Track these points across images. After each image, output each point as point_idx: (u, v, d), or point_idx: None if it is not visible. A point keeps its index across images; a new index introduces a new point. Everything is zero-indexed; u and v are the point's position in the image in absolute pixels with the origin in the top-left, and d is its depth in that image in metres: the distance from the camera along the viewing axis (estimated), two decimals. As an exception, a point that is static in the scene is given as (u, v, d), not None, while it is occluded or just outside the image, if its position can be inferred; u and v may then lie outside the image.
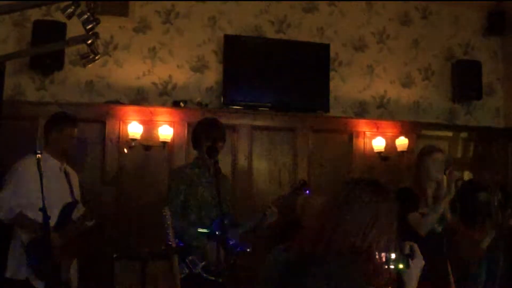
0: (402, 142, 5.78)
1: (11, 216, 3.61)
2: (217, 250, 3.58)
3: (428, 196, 3.82)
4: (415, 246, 1.76)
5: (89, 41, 3.80)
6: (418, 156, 3.97)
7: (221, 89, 5.64)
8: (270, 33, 5.92)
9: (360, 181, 1.81)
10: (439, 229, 3.78)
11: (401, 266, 1.71)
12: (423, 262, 1.76)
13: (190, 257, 3.69)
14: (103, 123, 5.25)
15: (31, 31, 5.12)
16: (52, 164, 3.80)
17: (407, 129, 5.90)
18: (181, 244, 3.55)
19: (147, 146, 5.20)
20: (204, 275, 3.69)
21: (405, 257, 1.73)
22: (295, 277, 1.31)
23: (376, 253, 1.62)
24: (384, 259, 1.65)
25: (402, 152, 5.76)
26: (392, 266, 1.70)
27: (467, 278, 4.45)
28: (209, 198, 3.84)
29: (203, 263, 3.70)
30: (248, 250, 3.89)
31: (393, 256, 1.69)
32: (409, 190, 3.84)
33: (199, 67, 5.72)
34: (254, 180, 5.52)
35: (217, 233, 3.71)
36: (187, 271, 3.65)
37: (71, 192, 3.91)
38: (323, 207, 1.78)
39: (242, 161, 5.50)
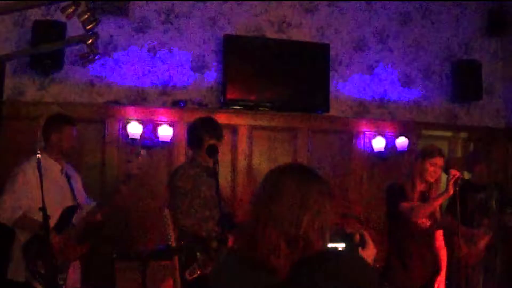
0: (402, 142, 5.78)
1: (14, 218, 3.62)
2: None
3: (417, 192, 3.92)
4: (366, 235, 1.74)
5: (89, 41, 3.81)
6: (419, 155, 4.00)
7: (221, 89, 5.63)
8: (270, 33, 5.91)
9: (285, 169, 1.76)
10: (427, 224, 3.90)
11: None
12: (374, 251, 1.74)
13: (201, 259, 3.63)
14: (103, 123, 5.25)
15: (31, 31, 5.11)
16: (52, 167, 3.80)
17: (407, 129, 5.91)
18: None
19: (147, 146, 5.20)
20: None
21: (355, 246, 1.73)
22: (238, 281, 1.26)
23: (314, 238, 1.59)
24: (322, 245, 1.61)
25: (402, 152, 5.76)
26: None
27: (466, 278, 4.45)
28: (210, 198, 3.84)
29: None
30: None
31: (343, 245, 1.68)
32: (397, 185, 3.96)
33: (199, 67, 5.72)
34: (254, 180, 5.52)
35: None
36: (198, 272, 3.56)
37: (73, 195, 3.90)
38: (252, 201, 1.73)
39: (242, 161, 5.50)
